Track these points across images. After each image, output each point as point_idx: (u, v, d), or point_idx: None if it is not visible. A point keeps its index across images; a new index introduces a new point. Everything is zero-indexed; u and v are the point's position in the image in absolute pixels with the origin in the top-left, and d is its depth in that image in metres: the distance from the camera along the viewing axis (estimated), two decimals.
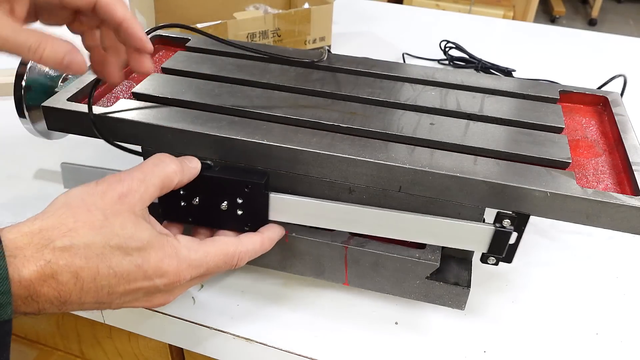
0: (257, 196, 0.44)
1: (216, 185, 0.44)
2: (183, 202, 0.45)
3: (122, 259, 0.36)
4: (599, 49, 1.08)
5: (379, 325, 0.50)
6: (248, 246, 0.43)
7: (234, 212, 0.45)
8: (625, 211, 0.42)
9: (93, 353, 0.67)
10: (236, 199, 0.44)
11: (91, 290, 0.36)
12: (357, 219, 0.45)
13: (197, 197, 0.45)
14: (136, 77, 0.59)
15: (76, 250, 0.35)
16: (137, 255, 0.37)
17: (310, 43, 0.96)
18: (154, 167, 0.41)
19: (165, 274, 0.38)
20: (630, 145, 0.49)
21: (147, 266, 0.37)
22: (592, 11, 3.61)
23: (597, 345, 0.49)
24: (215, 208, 0.45)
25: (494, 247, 0.44)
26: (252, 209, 0.45)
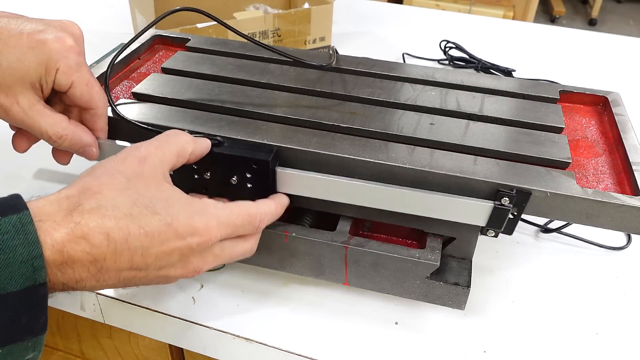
0: (265, 172, 0.45)
1: (226, 162, 0.46)
2: (197, 176, 0.47)
3: (151, 217, 0.36)
4: (599, 49, 1.08)
5: (379, 325, 0.50)
6: (266, 209, 0.44)
7: (244, 185, 0.46)
8: (625, 211, 0.42)
9: (93, 353, 0.67)
10: (245, 174, 0.46)
11: (124, 252, 0.35)
12: (361, 192, 0.45)
13: (208, 172, 0.46)
14: (136, 77, 0.59)
15: (105, 212, 0.35)
16: (165, 213, 0.37)
17: (310, 43, 0.96)
18: (168, 137, 0.42)
19: (196, 231, 0.38)
20: (630, 145, 0.49)
21: (177, 224, 0.37)
22: (592, 11, 3.61)
23: (597, 345, 0.49)
24: (226, 182, 0.46)
25: (492, 222, 0.44)
26: (261, 183, 0.46)
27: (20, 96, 0.42)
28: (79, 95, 0.44)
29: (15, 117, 0.43)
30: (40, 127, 0.43)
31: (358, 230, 0.53)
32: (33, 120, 0.43)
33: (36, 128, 0.43)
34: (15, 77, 0.41)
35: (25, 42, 0.42)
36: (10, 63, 0.41)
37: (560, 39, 1.12)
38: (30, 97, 0.42)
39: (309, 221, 0.53)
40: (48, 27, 0.44)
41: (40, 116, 0.43)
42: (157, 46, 0.66)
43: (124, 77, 0.59)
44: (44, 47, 0.42)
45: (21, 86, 0.42)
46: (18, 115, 0.42)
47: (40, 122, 0.43)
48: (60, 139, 0.44)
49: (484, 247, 0.59)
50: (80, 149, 0.46)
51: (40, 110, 0.43)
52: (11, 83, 0.41)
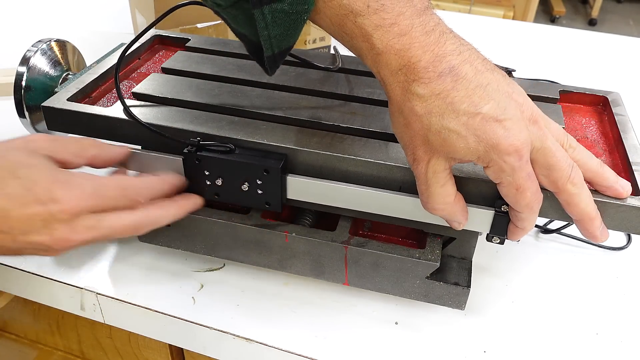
0: (275, 178, 0.46)
1: (236, 169, 0.46)
2: (208, 182, 0.48)
3: (12, 181, 0.38)
4: (599, 49, 1.08)
5: (379, 325, 0.50)
6: (144, 183, 0.44)
7: (255, 191, 0.47)
8: (625, 211, 0.42)
9: (93, 353, 0.67)
10: (256, 181, 0.46)
11: None
12: (367, 199, 0.46)
13: (219, 178, 0.47)
14: (136, 77, 0.59)
15: None
16: (26, 178, 0.38)
17: (310, 43, 0.96)
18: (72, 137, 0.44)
19: (57, 198, 0.38)
20: (630, 145, 0.49)
21: (37, 189, 0.38)
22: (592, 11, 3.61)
23: (597, 345, 0.49)
24: (237, 189, 0.47)
25: (495, 228, 0.44)
26: (272, 189, 0.47)
27: (435, 160, 0.38)
28: (504, 195, 0.39)
29: (416, 170, 0.39)
30: (428, 191, 0.39)
31: (358, 230, 0.53)
32: (428, 184, 0.39)
33: (422, 187, 0.40)
34: (444, 149, 0.37)
35: (475, 123, 0.36)
36: (449, 136, 0.36)
37: (560, 39, 1.12)
38: (443, 164, 0.38)
39: (309, 221, 0.53)
40: (507, 115, 0.37)
41: (436, 183, 0.39)
42: (157, 46, 0.66)
43: (124, 77, 0.59)
44: (488, 140, 0.36)
45: (442, 155, 0.38)
46: (420, 172, 0.39)
47: (430, 187, 0.39)
48: (434, 211, 0.41)
49: (484, 247, 0.59)
50: (446, 221, 0.43)
51: (439, 178, 0.39)
52: (437, 149, 0.37)
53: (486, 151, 0.36)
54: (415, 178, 0.40)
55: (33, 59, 0.58)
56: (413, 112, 0.37)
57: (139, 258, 0.56)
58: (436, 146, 0.37)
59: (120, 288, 0.53)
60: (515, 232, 0.43)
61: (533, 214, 0.40)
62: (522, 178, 0.37)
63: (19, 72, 0.57)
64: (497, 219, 0.44)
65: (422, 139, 0.38)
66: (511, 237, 0.44)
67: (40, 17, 1.08)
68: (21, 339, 0.72)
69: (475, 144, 0.36)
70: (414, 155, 0.39)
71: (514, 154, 0.36)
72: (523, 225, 0.42)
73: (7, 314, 0.69)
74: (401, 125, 0.39)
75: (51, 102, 0.51)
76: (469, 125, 0.36)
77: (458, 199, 0.41)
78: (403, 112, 0.38)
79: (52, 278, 0.53)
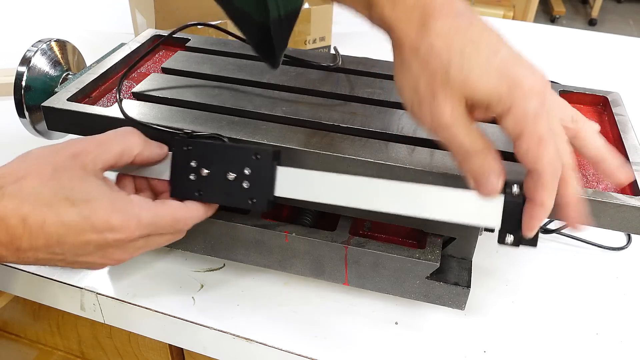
0: (265, 167, 0.43)
1: (227, 155, 0.44)
2: (192, 176, 0.45)
3: (68, 209, 0.38)
4: (599, 49, 1.08)
5: (379, 325, 0.50)
6: (193, 212, 0.44)
7: (240, 184, 0.44)
8: (625, 211, 0.42)
9: (93, 353, 0.67)
10: (244, 170, 0.44)
11: (40, 237, 0.37)
12: (366, 191, 0.43)
13: (206, 168, 0.45)
14: (136, 77, 0.59)
15: (25, 197, 0.37)
16: (83, 207, 0.38)
17: (310, 43, 0.96)
18: (115, 135, 0.43)
19: (114, 228, 0.39)
20: (630, 145, 0.49)
21: (94, 218, 0.38)
22: (592, 11, 3.61)
23: (597, 345, 0.49)
24: (222, 180, 0.45)
25: (508, 221, 0.39)
26: (259, 181, 0.44)
27: (457, 104, 0.36)
28: (524, 151, 0.36)
29: (438, 126, 0.37)
30: (464, 139, 0.37)
31: (358, 230, 0.53)
32: (458, 131, 0.37)
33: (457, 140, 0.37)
34: (465, 90, 0.36)
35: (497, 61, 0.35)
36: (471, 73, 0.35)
37: (560, 39, 1.12)
38: (463, 109, 0.37)
39: (309, 221, 0.53)
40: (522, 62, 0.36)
41: (465, 128, 0.37)
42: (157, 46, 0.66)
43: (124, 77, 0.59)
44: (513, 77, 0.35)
45: (462, 97, 0.36)
46: (446, 123, 0.37)
47: (464, 135, 0.37)
48: (477, 156, 0.37)
49: (484, 247, 0.59)
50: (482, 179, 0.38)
51: (465, 122, 0.37)
52: (459, 91, 0.36)
53: (509, 91, 0.35)
54: (438, 134, 0.37)
55: (33, 59, 0.58)
56: (432, 49, 0.36)
57: (139, 258, 0.56)
58: (457, 85, 0.35)
59: (120, 288, 0.53)
60: (533, 216, 0.37)
61: (554, 179, 0.36)
62: (544, 127, 0.35)
63: (19, 72, 0.57)
64: (508, 207, 0.38)
65: (442, 79, 0.36)
66: (528, 227, 0.38)
67: (40, 17, 1.08)
68: (21, 339, 0.72)
69: (497, 82, 0.35)
70: (433, 106, 0.36)
71: (537, 97, 0.35)
72: (542, 199, 0.36)
73: (7, 314, 0.69)
74: (416, 70, 0.37)
75: (51, 102, 0.51)
76: (491, 63, 0.35)
77: (490, 143, 0.38)
78: (419, 52, 0.36)
79: (52, 278, 0.53)
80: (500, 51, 0.36)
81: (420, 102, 0.37)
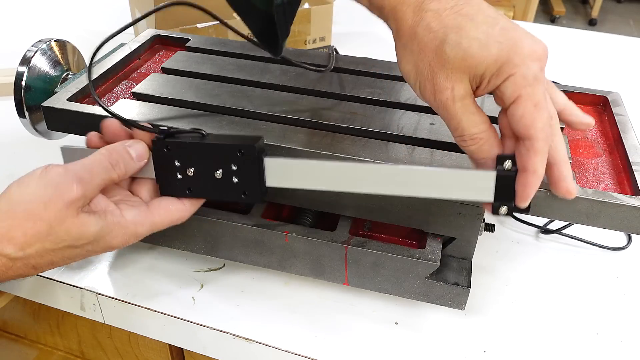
0: (251, 161, 0.43)
1: (209, 153, 0.43)
2: (179, 175, 0.44)
3: (73, 250, 0.41)
4: (599, 49, 1.08)
5: (379, 325, 0.50)
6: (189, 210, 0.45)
7: (230, 180, 0.44)
8: (625, 211, 0.42)
9: (93, 353, 0.67)
10: (231, 166, 0.43)
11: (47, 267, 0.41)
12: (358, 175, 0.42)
13: (192, 168, 0.44)
14: (136, 77, 0.59)
15: (30, 256, 0.39)
16: (86, 246, 0.41)
17: (310, 43, 0.96)
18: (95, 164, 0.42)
19: (113, 246, 0.43)
20: (630, 145, 0.49)
21: (97, 248, 0.42)
22: (592, 11, 3.61)
23: (597, 345, 0.49)
24: (210, 178, 0.44)
25: (500, 193, 0.39)
26: (248, 175, 0.43)
27: (458, 83, 0.37)
28: (519, 116, 0.36)
29: (440, 102, 0.38)
30: (461, 121, 0.38)
31: (358, 230, 0.53)
32: (456, 112, 0.37)
33: (454, 121, 0.38)
34: (466, 63, 0.36)
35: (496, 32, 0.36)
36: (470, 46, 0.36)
37: (560, 39, 1.12)
38: (467, 87, 0.37)
39: (309, 221, 0.53)
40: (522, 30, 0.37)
41: (465, 110, 0.37)
42: (157, 46, 0.66)
43: (124, 77, 0.59)
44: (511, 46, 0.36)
45: (464, 74, 0.37)
46: (445, 102, 0.37)
47: (462, 116, 0.37)
48: (472, 141, 0.38)
49: (484, 247, 0.59)
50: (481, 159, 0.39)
51: (468, 105, 0.37)
52: (459, 67, 0.36)
53: (509, 57, 0.35)
54: (441, 113, 0.38)
55: (33, 59, 0.58)
56: (429, 30, 0.36)
57: (139, 258, 0.56)
58: (457, 62, 0.36)
59: (120, 288, 0.53)
60: (527, 185, 0.37)
61: (546, 145, 0.37)
62: (541, 93, 0.36)
63: (19, 72, 0.57)
64: (501, 180, 0.39)
65: (441, 60, 0.36)
66: (522, 197, 0.38)
67: (40, 17, 1.08)
68: (21, 339, 0.72)
69: (497, 51, 0.35)
70: (435, 84, 0.37)
71: (537, 61, 0.36)
72: (535, 166, 0.37)
73: (7, 314, 0.69)
74: (415, 53, 0.38)
75: (51, 102, 0.51)
76: (489, 33, 0.36)
77: (492, 126, 0.39)
78: (417, 35, 0.37)
79: (52, 278, 0.53)
80: (498, 22, 0.36)
81: (424, 83, 0.38)
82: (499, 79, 0.36)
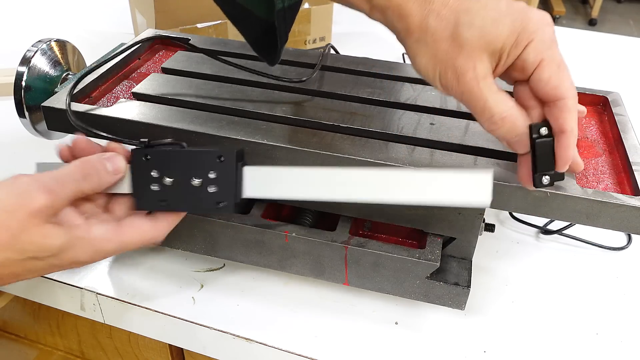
0: (230, 168, 0.42)
1: (189, 161, 0.42)
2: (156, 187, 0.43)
3: (37, 262, 0.39)
4: (599, 49, 1.08)
5: (379, 325, 0.50)
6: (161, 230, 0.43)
7: (206, 189, 0.43)
8: (625, 211, 0.42)
9: (93, 353, 0.67)
10: (208, 174, 0.42)
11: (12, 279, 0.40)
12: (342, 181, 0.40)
13: (169, 176, 0.43)
14: (136, 77, 0.59)
15: None
16: (51, 259, 0.39)
17: (310, 43, 0.96)
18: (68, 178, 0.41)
19: (79, 262, 0.41)
20: (630, 145, 0.49)
21: (62, 263, 0.40)
22: (592, 11, 3.61)
23: (597, 345, 0.49)
24: (187, 187, 0.43)
25: (541, 163, 0.38)
26: (225, 184, 0.42)
27: (479, 62, 0.37)
28: (546, 79, 0.37)
29: (464, 85, 0.37)
30: (487, 101, 0.37)
31: (358, 230, 0.53)
32: (482, 93, 0.37)
33: (480, 102, 0.37)
34: (484, 40, 0.36)
35: (504, 7, 0.37)
36: (484, 24, 0.36)
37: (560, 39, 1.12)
38: (488, 66, 0.37)
39: (309, 221, 0.53)
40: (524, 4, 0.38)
41: (490, 90, 0.37)
42: (157, 46, 0.66)
43: (124, 77, 0.59)
44: (522, 16, 0.37)
45: (484, 52, 0.37)
46: (469, 83, 0.37)
47: (488, 96, 0.37)
48: (502, 121, 0.38)
49: (484, 247, 0.59)
50: (514, 138, 0.39)
51: (491, 84, 0.37)
52: (477, 46, 0.37)
53: (523, 26, 0.36)
54: (466, 98, 0.38)
55: (33, 59, 0.58)
56: (440, 18, 0.37)
57: (139, 258, 0.56)
58: (475, 41, 0.36)
59: (120, 288, 0.53)
60: (568, 145, 0.38)
61: (576, 102, 0.37)
62: (560, 55, 0.37)
63: (19, 72, 0.57)
64: (541, 148, 0.38)
65: (458, 42, 0.37)
66: (564, 159, 0.38)
67: (40, 17, 1.08)
68: (21, 339, 0.72)
69: (511, 22, 0.36)
70: (456, 68, 0.37)
71: (549, 26, 0.37)
72: (572, 125, 0.37)
73: (7, 314, 0.69)
74: (430, 45, 0.38)
75: (51, 102, 0.51)
76: (498, 9, 0.37)
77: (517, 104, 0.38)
78: (429, 27, 0.37)
79: (52, 278, 0.53)
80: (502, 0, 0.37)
81: (445, 70, 0.38)
82: (518, 49, 0.37)
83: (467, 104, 0.38)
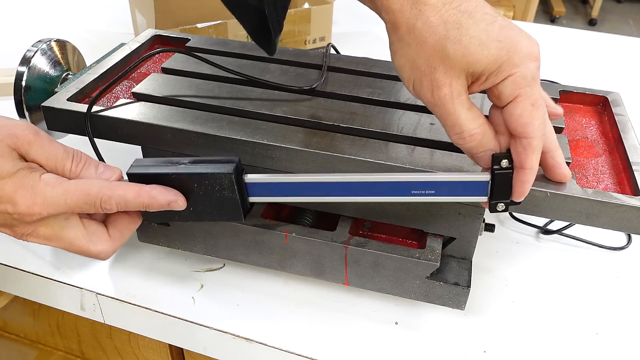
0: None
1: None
2: None
3: None
4: (599, 49, 1.08)
5: (379, 325, 0.50)
6: (117, 191, 0.41)
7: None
8: (625, 211, 0.42)
9: (93, 353, 0.67)
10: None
11: None
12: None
13: None
14: (136, 77, 0.59)
15: None
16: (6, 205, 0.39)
17: (310, 43, 0.96)
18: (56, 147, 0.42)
19: (16, 204, 0.39)
20: (630, 145, 0.49)
21: (1, 193, 0.39)
22: (592, 11, 3.61)
23: (597, 345, 0.49)
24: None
25: (498, 191, 0.40)
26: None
27: (456, 80, 0.37)
28: (517, 115, 0.37)
29: (438, 99, 0.37)
30: (459, 118, 0.37)
31: (358, 230, 0.53)
32: (455, 109, 0.37)
33: (452, 118, 0.38)
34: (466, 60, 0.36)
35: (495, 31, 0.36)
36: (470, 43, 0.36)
37: (560, 39, 1.12)
38: (464, 84, 0.37)
39: (309, 221, 0.53)
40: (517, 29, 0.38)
41: (462, 107, 0.37)
42: (157, 46, 0.66)
43: (124, 77, 0.59)
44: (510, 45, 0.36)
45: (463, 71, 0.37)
46: (443, 98, 0.37)
47: (460, 113, 0.37)
48: (470, 137, 0.38)
49: (484, 247, 0.59)
50: (479, 154, 0.39)
51: (464, 101, 0.38)
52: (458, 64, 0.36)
53: (509, 56, 0.35)
54: (437, 110, 0.38)
55: (33, 59, 0.58)
56: (428, 24, 0.36)
57: (139, 258, 0.56)
58: (457, 59, 0.36)
59: (120, 288, 0.53)
60: (525, 181, 0.38)
61: (541, 142, 0.38)
62: (538, 92, 0.37)
63: (19, 72, 0.57)
64: (500, 179, 0.39)
65: (440, 55, 0.36)
66: (520, 193, 0.39)
67: (40, 17, 1.08)
68: (21, 339, 0.72)
69: (497, 50, 0.35)
70: (433, 80, 0.37)
71: (535, 61, 0.36)
72: (532, 163, 0.38)
73: (7, 314, 0.69)
74: (412, 47, 0.37)
75: (51, 102, 0.51)
76: (489, 31, 0.36)
77: (486, 119, 0.39)
78: (415, 30, 0.37)
79: (52, 278, 0.53)
80: (497, 20, 0.36)
81: (420, 78, 0.38)
82: (498, 78, 0.36)
83: (438, 116, 0.39)
